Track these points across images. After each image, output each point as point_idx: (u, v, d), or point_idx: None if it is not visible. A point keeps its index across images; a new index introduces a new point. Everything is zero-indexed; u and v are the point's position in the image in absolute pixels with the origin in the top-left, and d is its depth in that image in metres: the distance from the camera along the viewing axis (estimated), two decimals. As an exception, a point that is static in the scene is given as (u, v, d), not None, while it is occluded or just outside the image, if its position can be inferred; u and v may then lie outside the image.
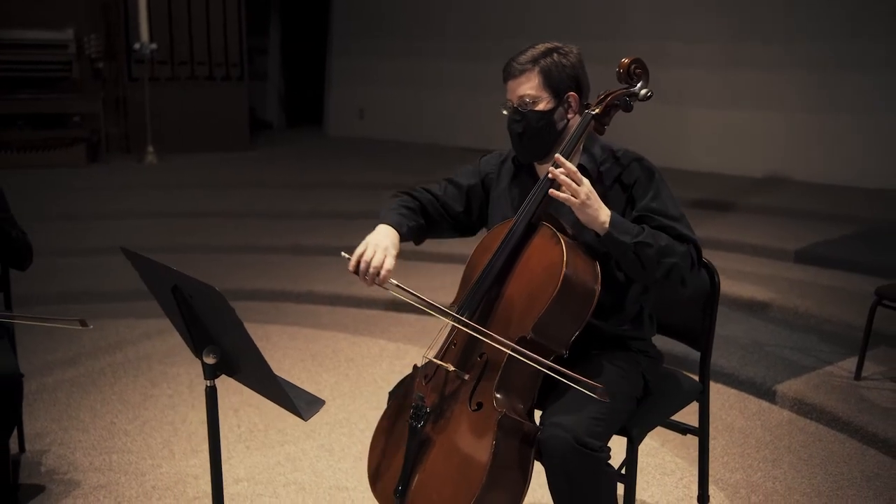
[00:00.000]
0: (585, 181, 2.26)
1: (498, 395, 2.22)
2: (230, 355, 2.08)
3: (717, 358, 4.20)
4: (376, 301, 5.48)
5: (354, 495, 3.25)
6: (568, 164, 2.25)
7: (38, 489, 3.25)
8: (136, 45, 8.97)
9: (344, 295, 5.57)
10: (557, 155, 2.29)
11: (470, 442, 2.21)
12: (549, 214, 2.38)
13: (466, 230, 2.72)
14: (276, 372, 2.01)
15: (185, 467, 3.44)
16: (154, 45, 8.99)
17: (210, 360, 2.07)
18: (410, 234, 2.55)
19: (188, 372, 4.38)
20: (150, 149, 9.03)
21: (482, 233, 2.67)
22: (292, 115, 12.31)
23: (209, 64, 9.81)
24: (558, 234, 2.31)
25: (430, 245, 6.48)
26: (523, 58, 2.42)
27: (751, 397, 4.13)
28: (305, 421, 2.02)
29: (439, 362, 2.35)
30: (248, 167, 9.07)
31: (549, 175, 2.28)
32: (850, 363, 4.24)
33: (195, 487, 3.28)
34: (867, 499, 3.25)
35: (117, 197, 7.66)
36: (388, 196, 2.66)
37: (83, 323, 2.51)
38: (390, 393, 2.56)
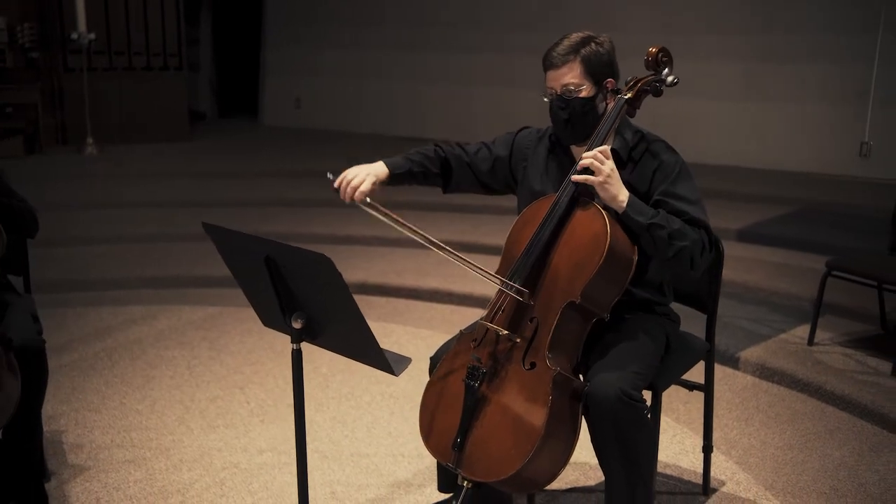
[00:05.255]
0: (609, 162, 2.49)
1: (550, 355, 2.42)
2: (315, 320, 2.25)
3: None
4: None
5: (377, 460, 3.43)
6: (599, 148, 2.50)
7: (67, 465, 3.33)
8: (74, 35, 8.83)
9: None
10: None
11: (526, 399, 2.40)
12: (588, 191, 2.58)
13: (488, 189, 2.95)
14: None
15: (207, 441, 3.56)
16: (92, 36, 8.87)
17: (297, 325, 2.24)
18: (407, 176, 2.78)
19: (183, 355, 4.48)
20: (90, 140, 8.93)
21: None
22: (225, 106, 12.24)
23: (147, 54, 9.73)
24: (599, 207, 2.52)
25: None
26: (562, 48, 2.59)
27: (715, 364, 4.46)
28: (396, 376, 2.21)
29: (492, 325, 2.54)
30: (192, 157, 9.07)
31: (580, 160, 2.51)
32: (802, 330, 4.64)
33: (221, 459, 3.41)
34: (833, 448, 3.61)
35: (64, 188, 7.58)
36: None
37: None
38: (432, 358, 2.75)
